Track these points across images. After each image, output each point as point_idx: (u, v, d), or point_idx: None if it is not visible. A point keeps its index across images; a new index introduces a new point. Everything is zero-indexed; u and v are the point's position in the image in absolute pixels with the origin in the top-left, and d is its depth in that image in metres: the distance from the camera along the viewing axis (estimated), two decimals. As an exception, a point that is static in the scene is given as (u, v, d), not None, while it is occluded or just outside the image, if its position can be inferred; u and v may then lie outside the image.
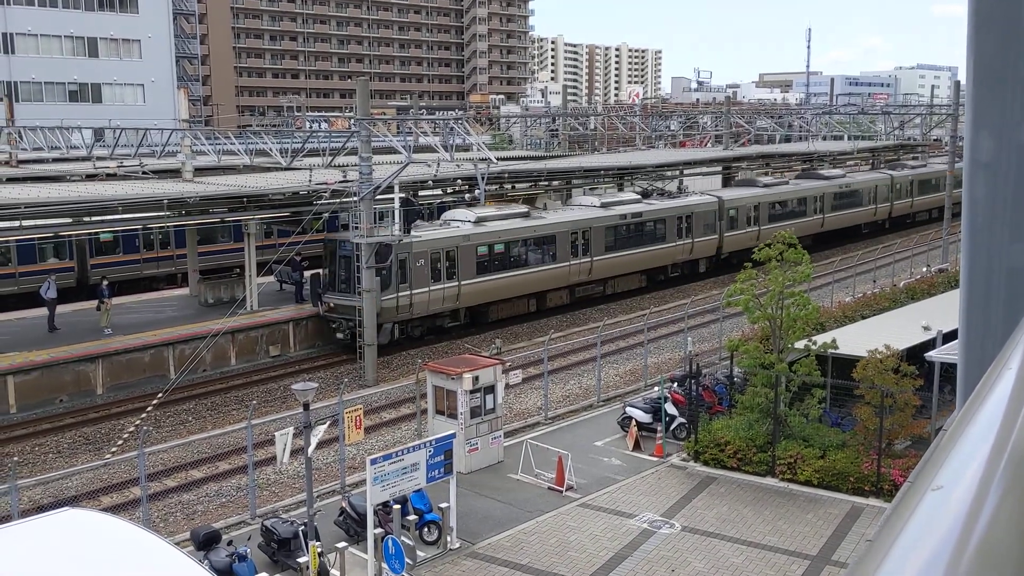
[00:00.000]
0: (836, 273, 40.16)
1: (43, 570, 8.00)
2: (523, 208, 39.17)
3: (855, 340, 22.60)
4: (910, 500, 1.08)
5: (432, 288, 32.79)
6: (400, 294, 31.72)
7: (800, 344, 21.71)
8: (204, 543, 16.29)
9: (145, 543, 8.73)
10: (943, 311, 24.69)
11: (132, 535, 8.90)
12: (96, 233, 32.92)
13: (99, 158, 42.33)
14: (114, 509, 18.46)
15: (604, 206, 41.05)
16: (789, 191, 52.73)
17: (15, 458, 19.59)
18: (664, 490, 20.69)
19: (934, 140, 75.10)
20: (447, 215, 36.98)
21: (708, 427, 22.24)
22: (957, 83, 50.09)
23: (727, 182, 56.67)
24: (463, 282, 33.97)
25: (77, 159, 45.10)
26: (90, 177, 40.13)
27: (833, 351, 21.66)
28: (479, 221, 35.42)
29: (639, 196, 44.66)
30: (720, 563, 17.20)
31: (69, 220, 30.17)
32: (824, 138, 69.35)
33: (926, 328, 23.43)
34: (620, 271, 41.38)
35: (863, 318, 28.15)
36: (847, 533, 18.23)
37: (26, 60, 69.02)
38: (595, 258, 39.35)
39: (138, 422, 23.49)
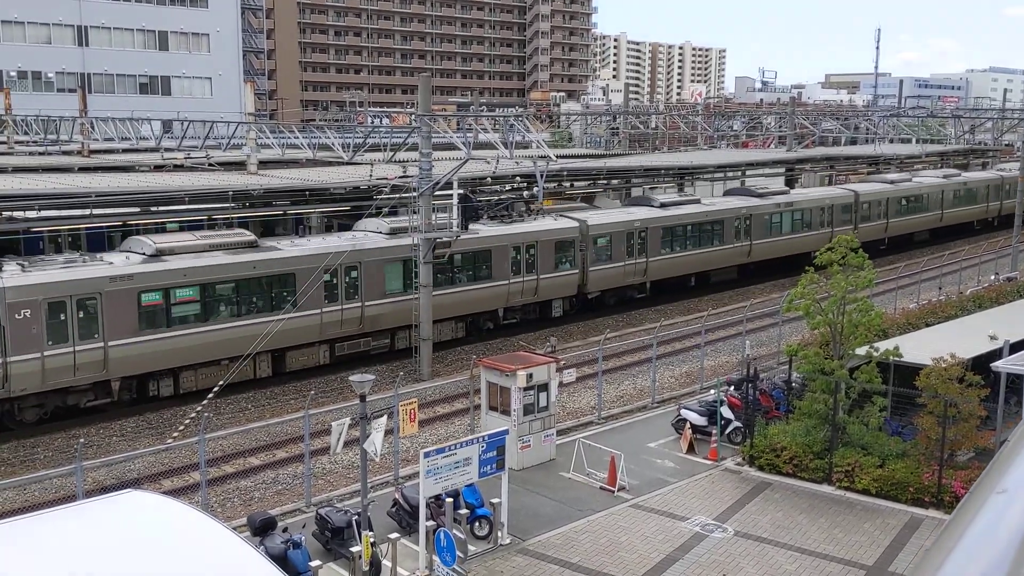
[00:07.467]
0: (900, 280, 39.36)
1: (105, 549, 8.21)
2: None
3: (919, 348, 22.09)
4: (975, 502, 1.07)
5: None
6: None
7: (862, 350, 21.31)
8: (260, 529, 16.59)
9: (203, 527, 8.90)
10: (1011, 321, 24.05)
11: (191, 518, 9.06)
12: (163, 223, 33.62)
13: (167, 149, 43.23)
14: (174, 492, 18.85)
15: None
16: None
17: (81, 440, 20.13)
18: (717, 494, 20.50)
19: (1006, 145, 73.09)
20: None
21: (764, 432, 21.96)
22: (1032, 87, 48.73)
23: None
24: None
25: (146, 150, 46.10)
26: (158, 168, 41.05)
27: (896, 358, 21.20)
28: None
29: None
30: (773, 569, 16.99)
31: (137, 209, 30.91)
32: (891, 141, 67.85)
33: (993, 337, 22.80)
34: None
35: (927, 325, 27.52)
36: (905, 544, 17.87)
37: (99, 52, 70.91)
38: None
39: (199, 408, 23.97)
